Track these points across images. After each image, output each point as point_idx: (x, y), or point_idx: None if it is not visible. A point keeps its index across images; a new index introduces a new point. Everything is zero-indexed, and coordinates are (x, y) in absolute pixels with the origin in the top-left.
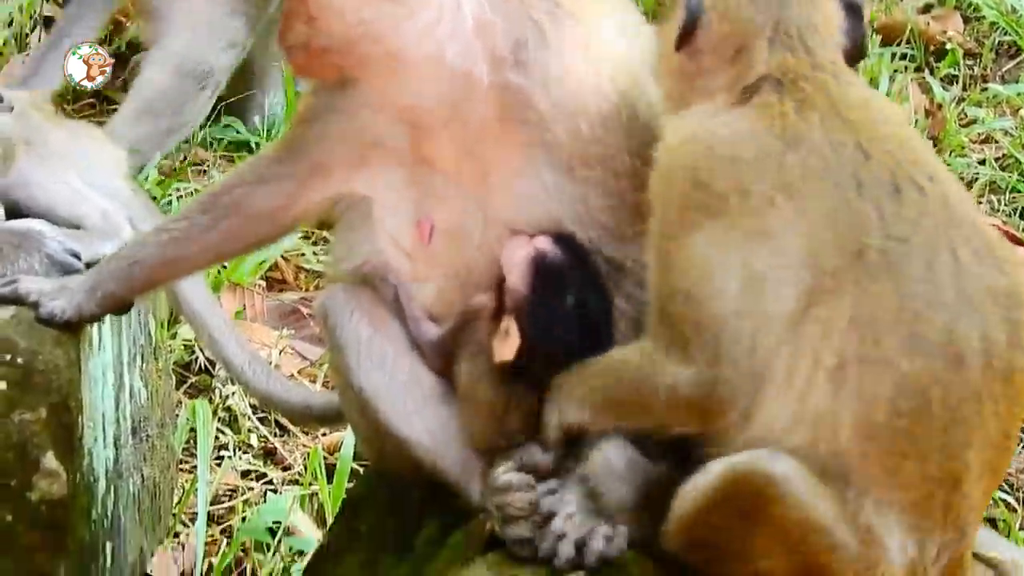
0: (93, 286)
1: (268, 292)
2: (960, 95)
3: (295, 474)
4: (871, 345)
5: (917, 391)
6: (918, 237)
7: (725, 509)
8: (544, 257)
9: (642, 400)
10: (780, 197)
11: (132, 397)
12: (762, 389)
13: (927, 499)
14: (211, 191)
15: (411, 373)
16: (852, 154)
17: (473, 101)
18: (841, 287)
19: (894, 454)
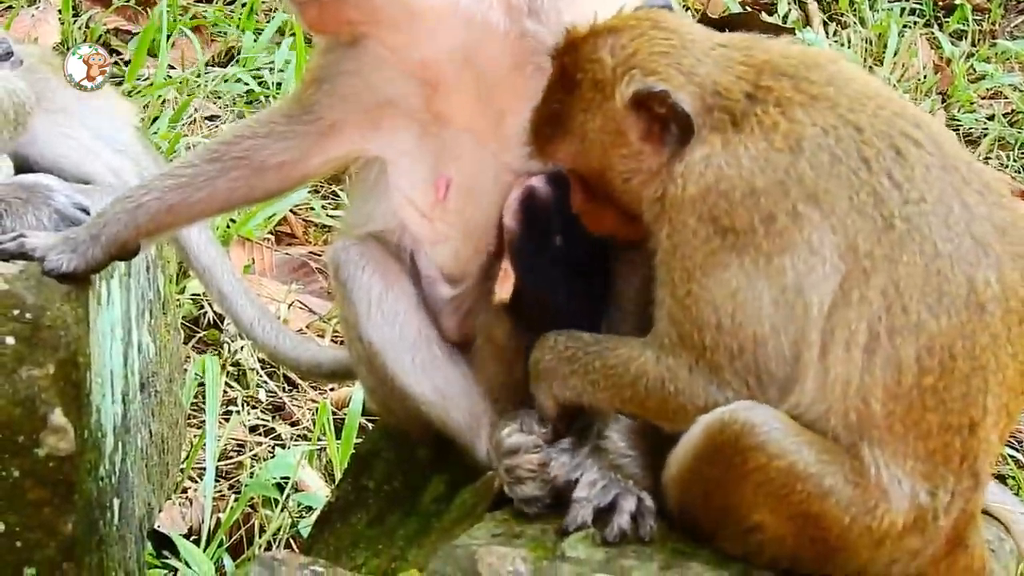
0: (97, 232)
1: (277, 246)
2: (969, 50)
3: (303, 430)
4: (901, 313)
5: (943, 347)
6: (932, 193)
7: (711, 462)
8: (533, 194)
9: (663, 410)
10: (803, 206)
11: (140, 352)
12: (799, 379)
13: (945, 447)
14: (220, 140)
15: (421, 330)
16: (846, 133)
17: (488, 50)
18: (876, 265)
19: (917, 409)
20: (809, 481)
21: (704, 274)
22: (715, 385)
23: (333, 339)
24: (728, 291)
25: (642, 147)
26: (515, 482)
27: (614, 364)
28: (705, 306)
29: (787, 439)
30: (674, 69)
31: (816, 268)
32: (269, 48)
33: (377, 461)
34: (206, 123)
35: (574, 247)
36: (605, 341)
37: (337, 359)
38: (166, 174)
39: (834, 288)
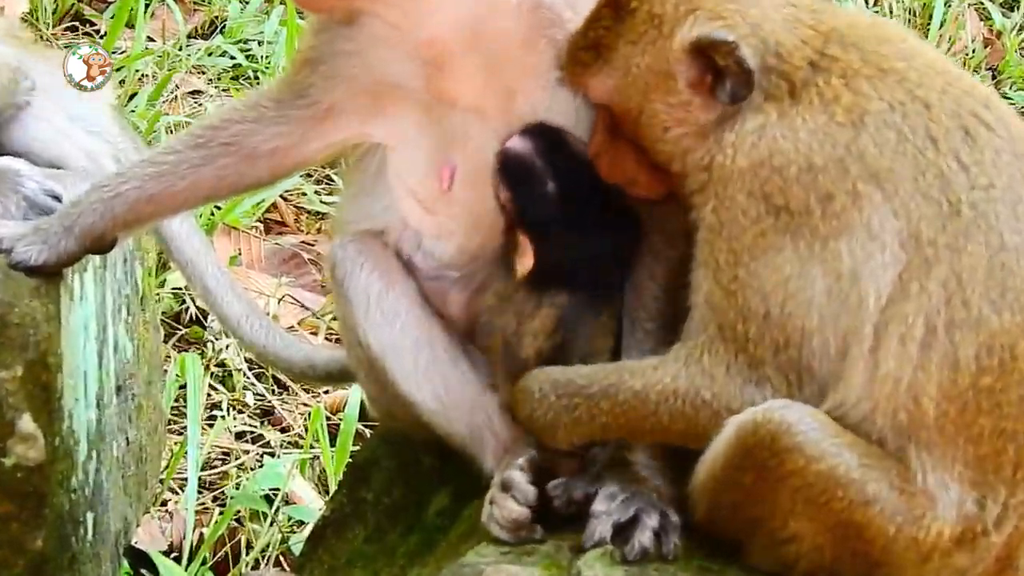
0: (71, 222)
1: (266, 235)
2: (1021, 22)
3: (294, 436)
4: (961, 308)
5: (1004, 346)
6: (1001, 179)
7: (742, 468)
8: (507, 155)
9: (693, 427)
10: (864, 186)
11: (116, 352)
12: (845, 376)
13: (997, 454)
14: (206, 124)
15: (423, 331)
16: (914, 108)
17: (498, 23)
18: (938, 255)
19: (972, 410)
20: (851, 487)
21: (753, 257)
22: (754, 383)
23: (327, 337)
24: (780, 277)
25: (691, 97)
26: (488, 516)
27: (626, 399)
28: (753, 294)
29: (826, 440)
30: (740, 17)
31: (875, 255)
32: (257, 18)
33: (376, 471)
34: (188, 100)
35: (572, 183)
36: (605, 376)
37: (333, 359)
38: (147, 161)
39: (893, 279)
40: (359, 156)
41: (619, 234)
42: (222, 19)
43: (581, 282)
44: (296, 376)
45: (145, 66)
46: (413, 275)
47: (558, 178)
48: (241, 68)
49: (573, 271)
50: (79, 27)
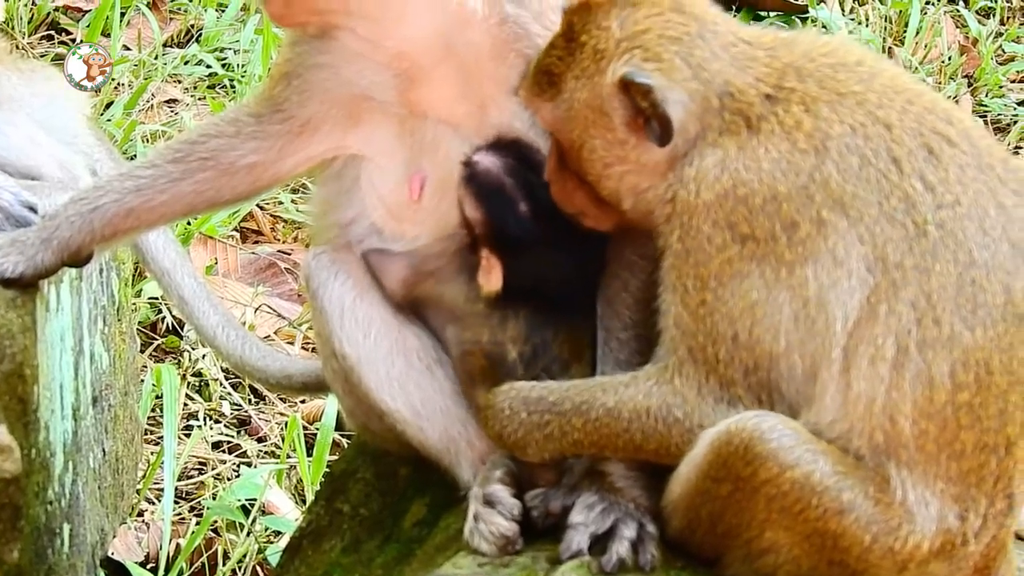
0: (48, 235)
1: (242, 244)
2: (997, 29)
3: (271, 446)
4: (932, 326)
5: (979, 362)
6: (967, 195)
7: (718, 479)
8: (477, 172)
9: (666, 445)
10: (829, 213)
11: (93, 363)
12: (816, 396)
13: (980, 468)
14: (184, 139)
15: (397, 340)
16: (875, 130)
17: (467, 36)
18: (906, 277)
19: (951, 427)
20: (826, 495)
21: (720, 283)
22: (726, 402)
23: (304, 346)
24: (747, 303)
25: (627, 136)
26: (473, 531)
27: (598, 417)
28: (721, 319)
29: (800, 447)
30: (680, 60)
31: (841, 281)
32: (234, 26)
33: (353, 482)
34: (164, 108)
35: (546, 206)
36: (577, 393)
37: (309, 370)
38: (125, 175)
39: (860, 302)
40: (334, 165)
41: (587, 251)
42: (198, 28)
43: (545, 297)
44: (272, 387)
45: (121, 75)
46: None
47: (530, 196)
48: (217, 77)
49: (539, 288)
50: (55, 36)
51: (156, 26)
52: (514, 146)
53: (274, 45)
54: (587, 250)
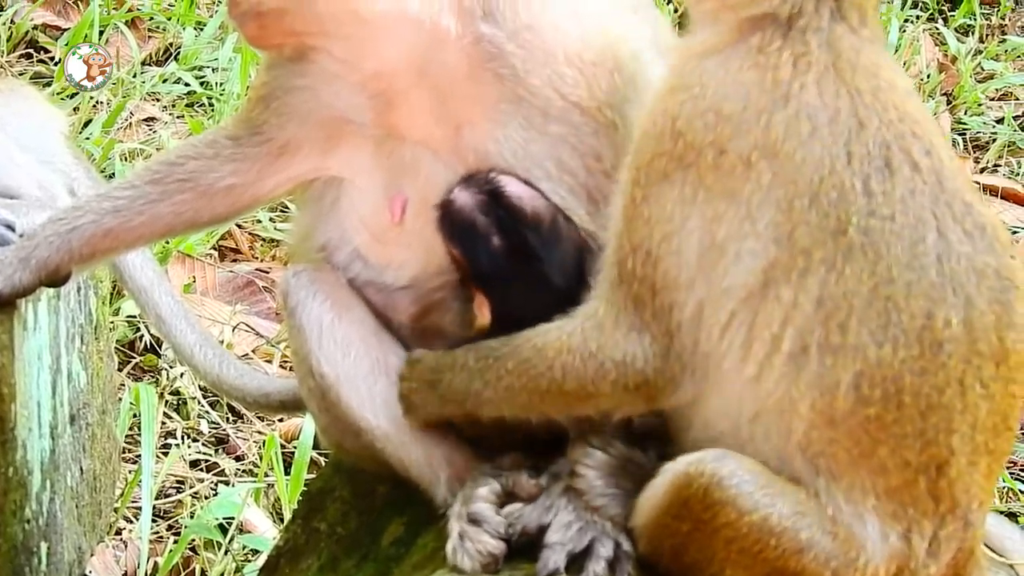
0: (26, 254)
1: (220, 263)
2: (976, 47)
3: (249, 464)
4: (837, 331)
5: (886, 379)
6: (905, 216)
7: (678, 517)
8: (450, 211)
9: (583, 384)
10: (759, 158)
11: (70, 381)
12: (713, 370)
13: (909, 486)
14: (163, 160)
15: (379, 359)
16: (846, 121)
17: (442, 57)
18: (811, 267)
19: (864, 440)
20: (784, 535)
21: (648, 182)
22: (636, 331)
23: (282, 365)
24: (663, 214)
25: None
26: (457, 549)
27: (528, 356)
28: (642, 224)
29: (759, 491)
30: None
31: (748, 238)
32: (212, 45)
33: (330, 500)
34: (143, 127)
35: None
36: (515, 338)
37: (287, 388)
38: (103, 195)
39: (756, 272)
40: (314, 186)
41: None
42: (176, 46)
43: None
44: (250, 405)
45: (99, 93)
46: (366, 301)
47: (502, 232)
48: (196, 95)
49: (526, 322)
50: (33, 54)
51: (135, 44)
52: (487, 180)
53: (252, 64)
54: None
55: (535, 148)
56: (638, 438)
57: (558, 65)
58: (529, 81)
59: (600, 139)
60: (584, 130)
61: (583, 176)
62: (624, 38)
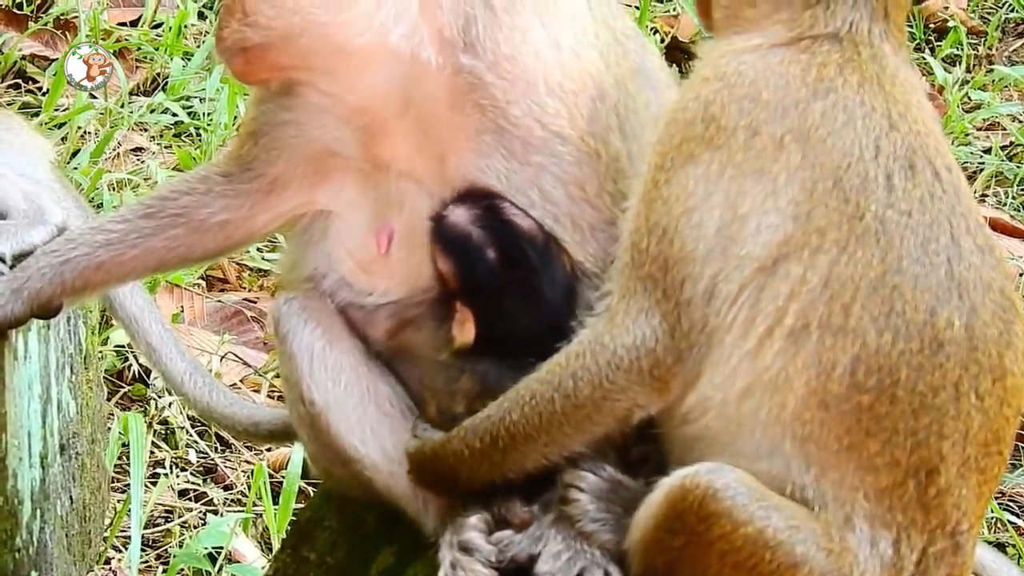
0: (19, 285)
1: (208, 292)
2: (963, 77)
3: (237, 494)
4: (840, 312)
5: (883, 368)
6: (922, 216)
7: (673, 531)
8: (444, 224)
9: (597, 384)
10: (791, 140)
11: (60, 411)
12: (715, 345)
13: (897, 487)
14: (156, 195)
15: (369, 387)
16: (880, 120)
17: (423, 89)
18: (824, 246)
19: (855, 429)
20: (779, 549)
21: (674, 166)
22: (646, 312)
23: (269, 394)
24: (686, 191)
25: None
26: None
27: (533, 391)
28: (661, 205)
29: (754, 504)
30: None
31: (769, 211)
32: (199, 75)
33: (319, 530)
34: (131, 157)
35: (516, 254)
36: (510, 391)
37: (276, 418)
38: (96, 228)
39: (773, 244)
40: (302, 220)
41: (560, 302)
42: (164, 76)
43: (517, 352)
44: (240, 434)
45: (87, 123)
46: (355, 329)
47: (497, 244)
48: (183, 125)
49: (513, 341)
50: (22, 84)
51: (122, 74)
52: (482, 196)
53: (240, 94)
54: (558, 297)
55: (518, 178)
56: (632, 466)
57: (539, 95)
58: (510, 111)
59: (583, 168)
60: (566, 159)
61: (566, 205)
62: (607, 67)
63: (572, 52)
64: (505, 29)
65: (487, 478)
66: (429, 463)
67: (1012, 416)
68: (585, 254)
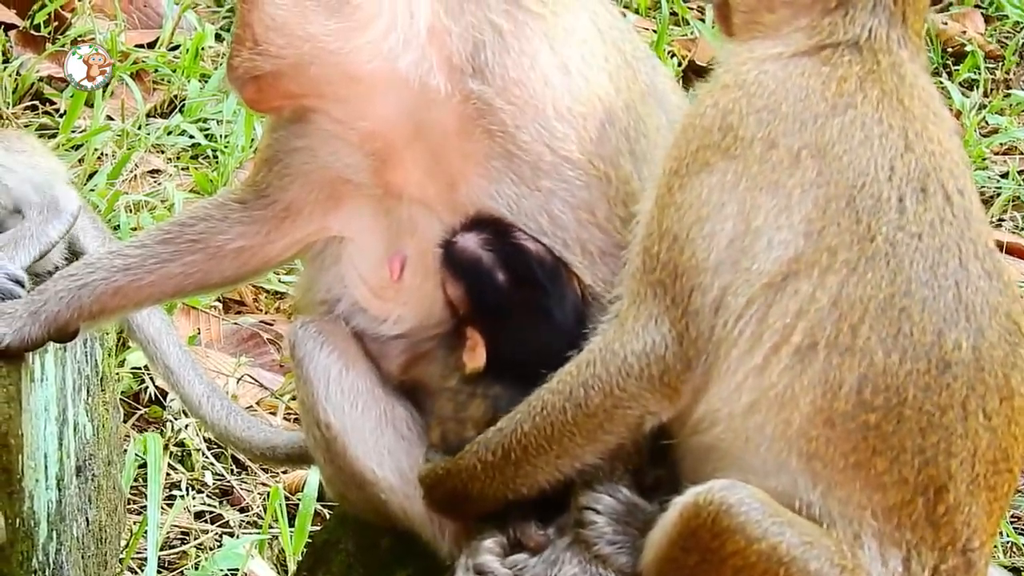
0: (36, 308)
1: (225, 315)
2: (981, 101)
3: (253, 516)
4: (848, 332)
5: (890, 387)
6: (932, 239)
7: (686, 548)
8: (453, 250)
9: (608, 392)
10: (807, 155)
11: (77, 433)
12: (722, 358)
13: (906, 505)
14: (175, 221)
15: (386, 410)
16: (896, 140)
17: (432, 115)
18: (833, 265)
19: (861, 447)
20: (793, 565)
21: (688, 173)
22: (655, 318)
23: (286, 417)
24: (700, 200)
25: None
26: None
27: (545, 401)
28: (674, 211)
29: (768, 520)
30: None
31: (781, 226)
32: (216, 97)
33: (335, 552)
34: (148, 178)
35: (526, 276)
36: (521, 405)
37: (293, 441)
38: (115, 253)
39: (783, 260)
40: (316, 245)
41: (570, 324)
42: (181, 98)
43: (528, 376)
44: (256, 457)
45: (104, 145)
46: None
47: (507, 266)
48: (200, 147)
49: (524, 364)
50: (39, 105)
51: (139, 96)
52: (490, 222)
53: (257, 117)
54: (568, 319)
55: (527, 204)
56: (646, 492)
57: (548, 120)
58: (519, 137)
59: (592, 192)
60: (576, 184)
61: (576, 230)
62: (617, 90)
63: (581, 76)
64: (514, 54)
65: (500, 495)
66: (441, 482)
67: (1020, 435)
68: (595, 278)
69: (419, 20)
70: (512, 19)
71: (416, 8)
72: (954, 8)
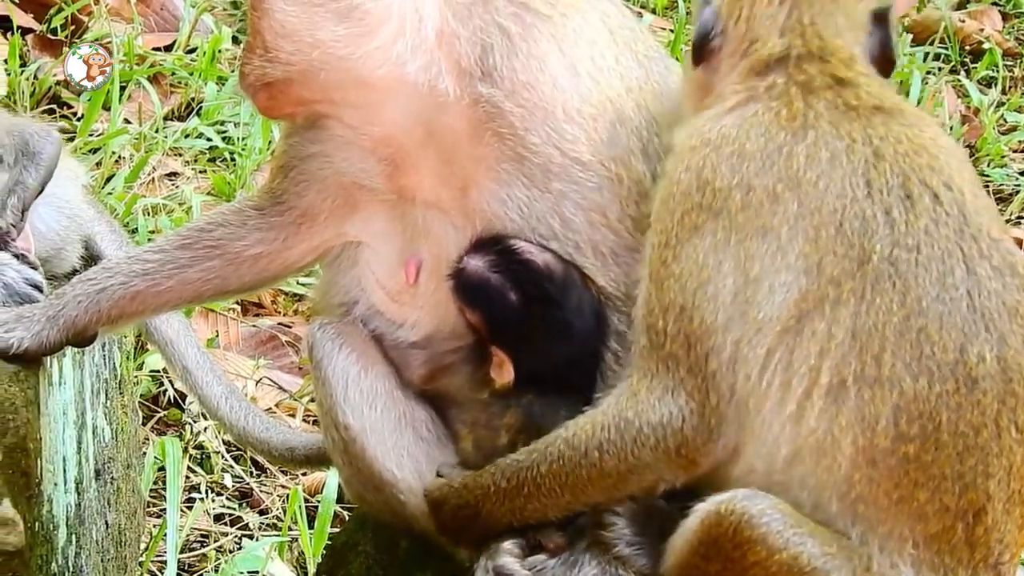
0: (55, 313)
1: (243, 317)
2: (999, 99)
3: (273, 518)
4: (872, 363)
5: (923, 414)
6: (930, 248)
7: (708, 556)
8: (463, 277)
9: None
10: (783, 189)
11: (95, 436)
12: (752, 414)
13: (947, 532)
14: (193, 226)
15: (404, 411)
16: (861, 150)
17: (443, 119)
18: (842, 297)
19: (904, 482)
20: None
21: (679, 241)
22: (670, 392)
23: (305, 419)
24: (697, 265)
25: None
26: None
27: (560, 451)
28: (674, 283)
29: (789, 530)
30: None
31: (781, 271)
32: (234, 99)
33: (354, 554)
34: (165, 181)
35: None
36: (540, 443)
37: (312, 443)
38: (133, 258)
39: (790, 304)
40: (333, 249)
41: (590, 330)
42: (198, 101)
43: (559, 383)
44: (275, 459)
45: (121, 148)
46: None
47: (517, 285)
48: (218, 150)
49: (552, 374)
50: (56, 109)
51: (157, 99)
52: (494, 241)
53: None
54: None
55: (539, 206)
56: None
57: (557, 122)
58: (529, 139)
59: (604, 193)
60: (587, 185)
61: (587, 232)
62: (628, 90)
63: (590, 77)
64: (522, 57)
65: (506, 521)
66: (454, 497)
67: None
68: (607, 279)
69: (427, 25)
70: (520, 22)
71: (424, 13)
72: (971, 6)
